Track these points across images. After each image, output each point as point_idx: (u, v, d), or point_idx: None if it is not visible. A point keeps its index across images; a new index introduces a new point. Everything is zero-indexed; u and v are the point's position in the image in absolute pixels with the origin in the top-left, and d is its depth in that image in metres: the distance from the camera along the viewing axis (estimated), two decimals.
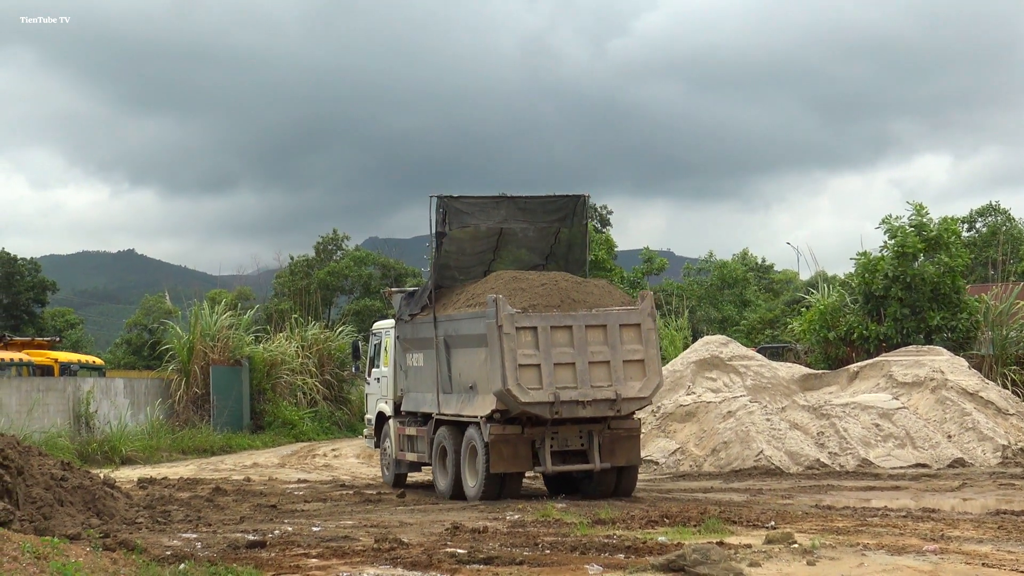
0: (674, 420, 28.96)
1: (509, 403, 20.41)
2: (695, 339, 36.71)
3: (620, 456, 21.40)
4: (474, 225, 22.78)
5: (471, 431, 21.53)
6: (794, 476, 25.53)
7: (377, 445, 26.53)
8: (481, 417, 21.02)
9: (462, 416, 21.79)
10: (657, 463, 27.68)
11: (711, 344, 32.15)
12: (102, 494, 18.36)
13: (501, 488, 21.23)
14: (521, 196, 23.48)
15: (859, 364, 32.04)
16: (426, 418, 23.47)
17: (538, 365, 20.41)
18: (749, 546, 13.98)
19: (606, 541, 14.72)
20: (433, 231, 22.44)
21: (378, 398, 26.47)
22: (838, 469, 26.25)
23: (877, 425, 28.03)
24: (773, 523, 16.58)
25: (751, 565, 12.57)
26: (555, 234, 23.52)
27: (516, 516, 18.30)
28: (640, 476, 25.76)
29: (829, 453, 26.96)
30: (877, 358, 32.20)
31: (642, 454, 27.45)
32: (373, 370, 26.88)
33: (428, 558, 13.53)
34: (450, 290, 22.99)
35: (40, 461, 17.90)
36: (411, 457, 24.38)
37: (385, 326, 26.27)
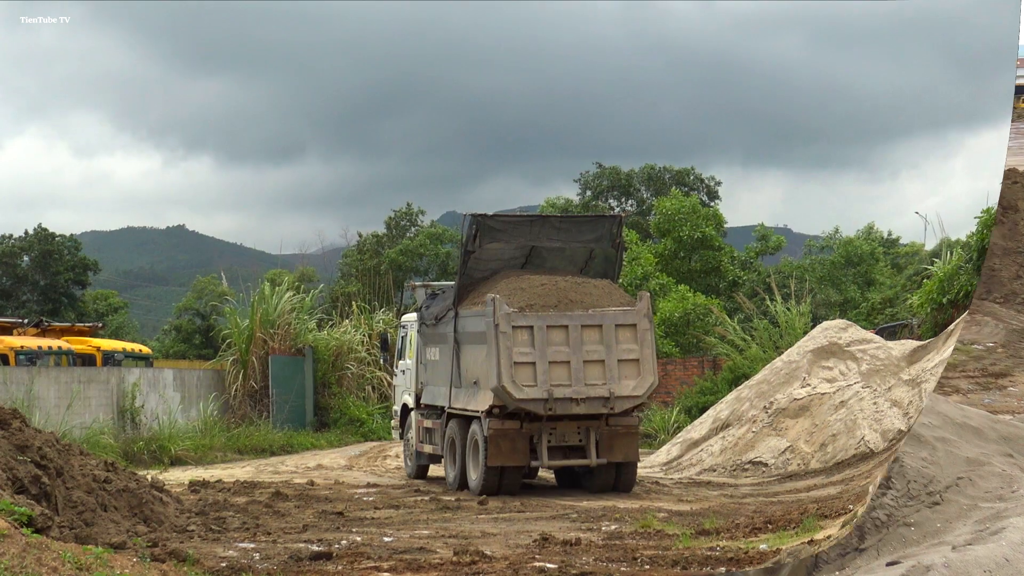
0: (786, 416, 28.85)
1: (505, 399, 23.01)
2: (815, 325, 36.34)
3: (618, 452, 23.89)
4: (504, 241, 25.11)
5: (474, 425, 24.18)
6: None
7: (402, 436, 29.10)
8: (482, 412, 23.61)
9: (467, 410, 24.40)
10: (766, 464, 27.69)
11: (830, 330, 31.90)
12: (149, 498, 18.48)
13: (500, 481, 23.78)
14: (556, 216, 27.07)
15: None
16: (441, 411, 26.00)
17: (533, 363, 22.99)
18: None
19: (709, 554, 14.80)
20: (463, 248, 24.98)
21: (403, 390, 29.08)
22: None
23: None
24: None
25: None
26: (589, 252, 25.78)
27: (613, 527, 18.40)
28: (747, 480, 26.19)
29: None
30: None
31: (751, 455, 27.67)
32: (399, 362, 29.51)
33: (514, 573, 13.55)
34: (467, 289, 25.21)
35: (81, 461, 18.03)
36: (428, 449, 26.98)
37: (413, 319, 28.36)
